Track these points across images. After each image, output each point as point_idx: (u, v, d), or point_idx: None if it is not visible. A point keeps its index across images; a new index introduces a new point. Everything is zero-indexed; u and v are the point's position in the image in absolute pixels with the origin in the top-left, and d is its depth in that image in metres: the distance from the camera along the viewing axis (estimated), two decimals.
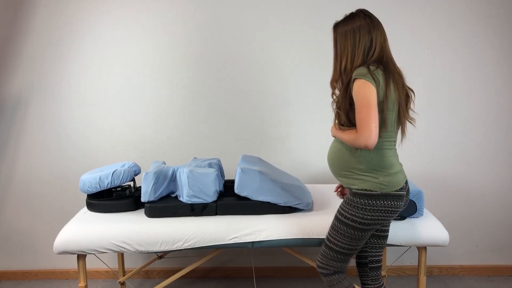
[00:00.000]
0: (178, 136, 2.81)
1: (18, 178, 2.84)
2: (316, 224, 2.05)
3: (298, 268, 2.93)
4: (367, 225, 1.71)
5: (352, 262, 2.66)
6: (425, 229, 2.06)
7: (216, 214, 2.16)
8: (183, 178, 2.17)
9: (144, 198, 2.15)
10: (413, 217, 2.12)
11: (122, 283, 2.61)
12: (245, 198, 2.16)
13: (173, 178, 2.27)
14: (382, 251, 1.90)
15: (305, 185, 2.59)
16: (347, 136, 1.68)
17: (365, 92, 1.59)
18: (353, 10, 1.77)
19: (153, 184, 2.14)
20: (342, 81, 1.72)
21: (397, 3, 2.67)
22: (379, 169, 1.69)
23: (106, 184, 2.21)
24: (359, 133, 1.59)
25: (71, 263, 2.94)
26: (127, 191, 2.32)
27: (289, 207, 2.15)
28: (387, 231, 1.88)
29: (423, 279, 2.13)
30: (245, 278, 2.92)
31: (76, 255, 2.07)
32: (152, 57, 2.73)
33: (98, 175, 2.21)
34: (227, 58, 2.74)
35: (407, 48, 2.71)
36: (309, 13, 2.69)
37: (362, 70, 1.63)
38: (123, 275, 2.63)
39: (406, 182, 1.80)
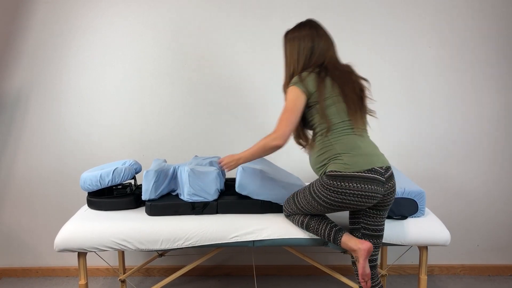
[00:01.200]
0: (179, 134, 2.81)
1: (18, 176, 2.84)
2: None
3: (299, 266, 2.93)
4: (337, 206, 1.79)
5: (349, 261, 2.66)
6: (426, 228, 2.05)
7: (217, 212, 2.15)
8: (184, 177, 2.17)
9: (145, 196, 2.15)
10: (414, 217, 2.12)
11: (123, 281, 2.61)
12: (246, 197, 2.15)
13: (174, 176, 2.26)
14: (378, 251, 1.90)
15: (306, 184, 2.58)
16: (260, 141, 1.84)
17: (292, 97, 1.79)
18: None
19: (154, 182, 2.13)
20: None
21: (400, 1, 2.66)
22: (342, 152, 1.78)
23: (106, 182, 2.20)
24: (274, 130, 1.80)
25: (72, 261, 2.94)
26: (128, 189, 2.31)
27: None
28: (382, 230, 1.88)
29: (424, 278, 2.12)
30: (246, 276, 2.92)
31: (76, 252, 2.06)
32: (153, 54, 2.73)
33: (99, 173, 2.21)
34: (229, 56, 2.73)
35: (409, 47, 2.70)
36: (310, 13, 2.67)
37: (295, 78, 1.83)
38: (124, 273, 2.63)
39: (387, 170, 1.80)
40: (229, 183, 2.40)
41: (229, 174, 2.78)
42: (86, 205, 2.32)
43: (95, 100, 2.77)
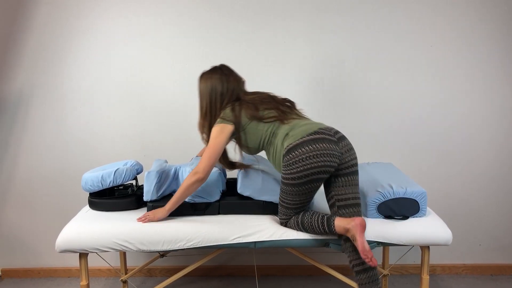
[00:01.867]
0: (180, 134, 2.80)
1: (20, 176, 2.84)
2: None
3: (300, 266, 2.92)
4: (304, 177, 1.87)
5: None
6: (427, 228, 2.05)
7: (218, 213, 2.15)
8: (185, 177, 2.16)
9: (146, 197, 2.14)
10: (416, 217, 2.12)
11: (124, 282, 2.61)
12: (248, 198, 2.15)
13: (175, 177, 2.26)
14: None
15: None
16: (183, 183, 1.97)
17: (214, 135, 1.98)
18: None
19: (155, 183, 2.13)
20: (209, 124, 2.05)
21: (401, 0, 2.66)
22: (287, 131, 1.95)
23: (108, 182, 2.20)
24: (198, 164, 1.97)
25: (73, 261, 2.94)
26: (129, 190, 2.31)
27: None
28: (356, 198, 1.93)
29: (426, 278, 2.12)
30: (247, 276, 2.92)
31: (78, 253, 2.06)
32: (154, 54, 2.72)
33: (100, 174, 2.21)
34: (230, 56, 2.73)
35: (410, 46, 2.70)
36: (313, 13, 2.67)
37: (218, 118, 2.01)
38: (125, 273, 2.63)
39: (335, 133, 1.93)
40: (231, 184, 2.40)
41: (230, 175, 2.78)
42: (88, 205, 2.32)
43: (96, 101, 2.77)
